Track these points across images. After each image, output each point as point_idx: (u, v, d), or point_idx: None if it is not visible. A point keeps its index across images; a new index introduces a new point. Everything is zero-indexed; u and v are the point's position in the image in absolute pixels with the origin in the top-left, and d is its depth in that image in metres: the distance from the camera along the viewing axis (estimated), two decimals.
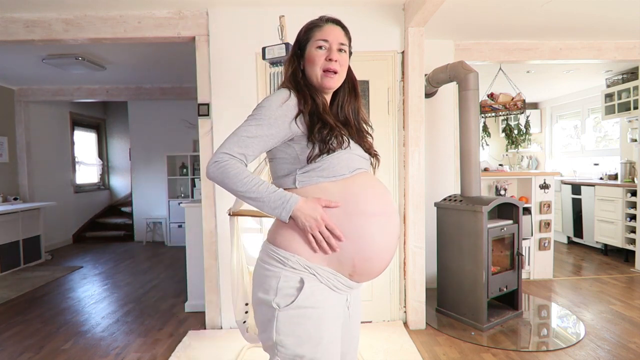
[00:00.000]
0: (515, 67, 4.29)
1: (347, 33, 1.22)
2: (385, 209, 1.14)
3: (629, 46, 3.69)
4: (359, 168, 1.16)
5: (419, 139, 2.88)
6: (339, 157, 1.11)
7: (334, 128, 1.12)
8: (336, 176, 1.11)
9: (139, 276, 4.47)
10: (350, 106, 1.27)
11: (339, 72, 1.18)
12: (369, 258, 1.10)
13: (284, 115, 1.10)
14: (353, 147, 1.16)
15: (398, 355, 2.51)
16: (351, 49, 1.24)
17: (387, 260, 1.16)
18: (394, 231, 1.16)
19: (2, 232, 4.60)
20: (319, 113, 1.13)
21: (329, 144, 1.10)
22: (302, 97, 1.14)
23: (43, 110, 5.92)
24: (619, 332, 2.79)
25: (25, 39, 2.91)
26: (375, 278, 1.19)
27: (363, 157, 1.20)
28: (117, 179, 7.76)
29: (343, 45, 1.18)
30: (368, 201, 1.11)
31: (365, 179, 1.16)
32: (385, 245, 1.13)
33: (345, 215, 1.09)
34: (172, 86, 5.34)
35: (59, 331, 2.98)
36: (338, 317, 1.14)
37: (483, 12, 3.00)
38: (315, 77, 1.17)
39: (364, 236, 1.09)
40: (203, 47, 2.91)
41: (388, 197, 1.18)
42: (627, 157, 4.91)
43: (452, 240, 3.03)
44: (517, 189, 4.22)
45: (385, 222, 1.12)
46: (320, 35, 1.18)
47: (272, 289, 1.08)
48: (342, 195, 1.10)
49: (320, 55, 1.16)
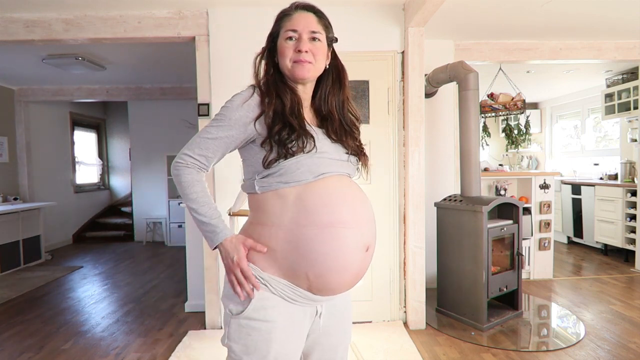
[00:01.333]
0: (515, 67, 4.29)
1: (323, 19, 1.11)
2: (349, 218, 1.02)
3: (629, 46, 3.69)
4: (326, 172, 1.04)
5: (419, 139, 2.88)
6: (299, 162, 1.01)
7: (295, 130, 1.02)
8: (297, 182, 1.01)
9: (139, 276, 4.47)
10: (335, 98, 1.15)
11: (313, 63, 1.07)
12: (323, 274, 1.01)
13: (244, 116, 1.04)
14: (325, 149, 1.05)
15: (398, 355, 2.51)
16: (331, 34, 1.13)
17: (349, 277, 1.05)
18: (359, 244, 1.03)
19: (2, 232, 4.60)
20: (282, 113, 1.04)
21: (288, 148, 1.00)
22: (267, 96, 1.06)
23: (43, 110, 5.92)
24: (619, 332, 2.79)
25: (25, 39, 2.91)
26: (350, 289, 1.11)
27: (339, 160, 1.08)
28: (117, 179, 7.76)
29: (315, 33, 1.07)
30: (324, 210, 1.00)
31: (331, 184, 1.04)
32: (345, 261, 1.02)
33: (296, 226, 1.00)
34: (172, 86, 5.34)
35: (59, 331, 2.98)
36: (297, 330, 1.06)
37: (483, 12, 3.00)
38: (287, 69, 1.08)
39: (315, 250, 0.99)
40: (203, 47, 2.91)
41: (357, 205, 1.06)
42: (627, 157, 4.91)
43: (452, 240, 3.03)
44: (517, 189, 4.22)
45: (346, 233, 1.01)
46: (289, 24, 1.07)
47: (229, 294, 1.05)
48: (296, 203, 1.01)
49: (290, 47, 1.07)
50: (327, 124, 1.12)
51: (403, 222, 2.98)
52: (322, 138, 1.08)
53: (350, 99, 1.19)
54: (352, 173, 1.14)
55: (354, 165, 1.14)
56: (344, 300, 1.20)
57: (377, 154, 2.97)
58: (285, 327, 1.04)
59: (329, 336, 1.16)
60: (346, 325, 1.21)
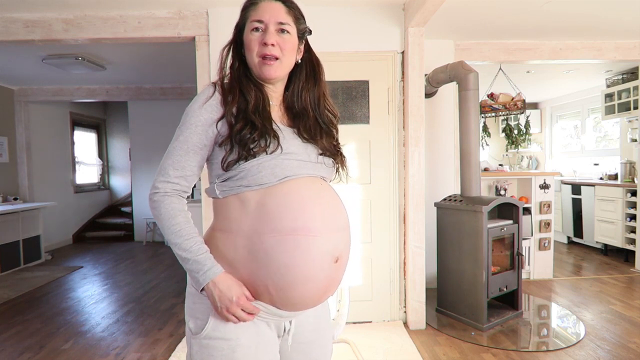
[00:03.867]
0: (515, 67, 4.29)
1: (293, 9, 1.00)
2: (314, 225, 0.91)
3: (629, 46, 3.69)
4: (292, 175, 0.94)
5: (419, 139, 2.88)
6: (260, 164, 0.92)
7: (257, 128, 0.93)
8: (259, 185, 0.93)
9: (139, 276, 4.47)
10: (309, 94, 1.05)
11: (281, 58, 0.98)
12: (284, 287, 0.92)
13: (207, 118, 0.95)
14: (293, 149, 0.96)
15: (398, 355, 2.51)
16: (303, 26, 1.02)
17: (315, 291, 0.94)
18: (326, 254, 0.93)
19: (2, 232, 4.60)
20: (245, 111, 0.95)
21: (249, 148, 0.91)
22: (229, 93, 0.97)
23: (43, 110, 5.92)
24: (619, 332, 2.79)
25: (25, 39, 2.91)
26: (315, 306, 1.01)
27: (308, 161, 0.98)
28: (117, 179, 7.76)
29: (283, 24, 0.97)
30: (286, 216, 0.91)
31: (297, 188, 0.94)
32: (309, 272, 0.91)
33: (256, 234, 0.92)
34: (172, 86, 5.34)
35: (59, 331, 2.98)
36: (264, 348, 0.97)
37: (483, 12, 3.00)
38: (254, 65, 0.98)
39: (276, 259, 0.90)
40: (203, 47, 2.91)
41: (327, 211, 0.95)
42: (627, 157, 4.91)
43: (452, 240, 3.03)
44: (517, 189, 4.22)
45: (310, 242, 0.91)
46: (255, 14, 0.97)
47: (189, 310, 0.98)
48: (258, 208, 0.93)
49: (256, 39, 0.97)
50: (299, 122, 1.02)
51: (403, 222, 2.98)
52: (290, 137, 0.99)
53: (327, 95, 1.10)
54: (328, 175, 1.04)
55: (328, 167, 1.03)
56: (320, 312, 1.09)
57: (377, 154, 2.97)
58: (250, 345, 0.94)
59: (305, 354, 1.06)
60: (325, 340, 1.11)
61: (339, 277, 0.99)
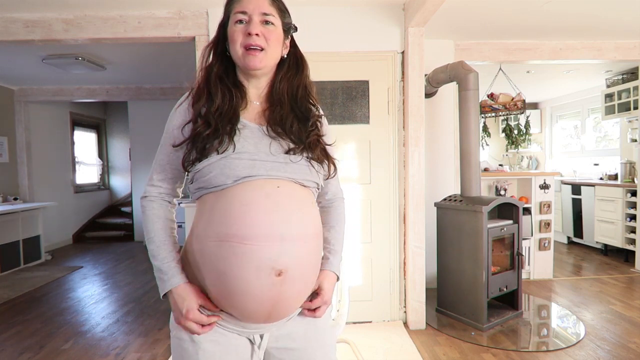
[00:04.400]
0: (515, 67, 4.29)
1: (276, 1, 0.98)
2: (250, 233, 0.85)
3: (629, 46, 3.69)
4: (246, 175, 0.89)
5: (419, 139, 2.88)
6: (211, 164, 0.89)
7: (211, 127, 0.91)
8: (214, 187, 0.90)
9: (139, 276, 4.47)
10: (287, 83, 1.01)
11: (266, 49, 0.95)
12: (224, 296, 0.89)
13: (177, 122, 0.97)
14: (249, 148, 0.92)
15: (398, 355, 2.51)
16: (288, 19, 1.01)
17: (255, 305, 0.87)
18: (262, 266, 0.85)
19: (2, 232, 4.60)
20: (207, 112, 0.94)
21: (201, 148, 0.91)
22: (198, 97, 0.97)
23: (43, 110, 5.92)
24: (619, 332, 2.79)
25: (25, 39, 2.91)
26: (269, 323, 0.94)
27: (266, 160, 0.92)
28: (117, 179, 7.76)
29: (267, 15, 0.95)
30: (224, 221, 0.87)
31: (246, 191, 0.88)
32: (243, 284, 0.85)
33: (203, 238, 0.90)
34: (172, 86, 5.34)
35: (59, 331, 2.98)
36: (225, 355, 0.94)
37: (483, 12, 3.00)
38: (238, 57, 0.96)
39: (214, 266, 0.88)
40: (203, 47, 2.90)
41: (274, 219, 0.87)
42: (627, 157, 4.91)
43: (452, 240, 3.03)
44: (517, 189, 4.22)
45: (244, 251, 0.85)
46: (238, 6, 0.96)
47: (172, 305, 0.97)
48: (208, 211, 0.91)
49: (239, 31, 0.95)
50: (271, 115, 0.98)
51: (403, 222, 2.98)
52: (252, 136, 0.94)
53: (310, 89, 1.04)
54: (297, 176, 0.94)
55: (300, 165, 0.94)
56: (311, 330, 1.02)
57: (377, 154, 2.97)
58: (214, 352, 0.93)
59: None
60: (319, 343, 1.03)
61: (289, 293, 0.89)
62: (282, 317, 0.94)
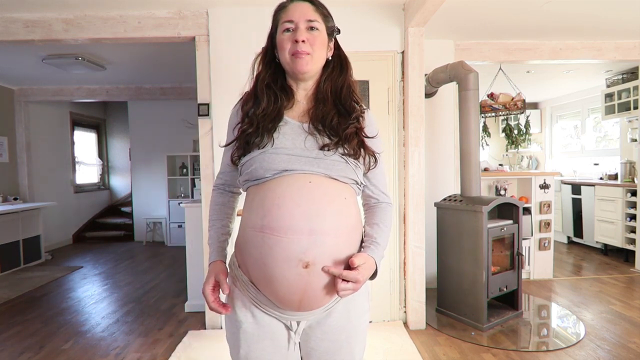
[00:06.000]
0: (515, 67, 4.29)
1: (320, 7, 1.04)
2: (279, 225, 0.91)
3: (629, 46, 3.69)
4: (283, 169, 0.95)
5: (419, 139, 2.88)
6: (252, 158, 0.98)
7: (254, 125, 1.00)
8: (256, 180, 0.98)
9: (139, 276, 4.47)
10: (331, 82, 1.07)
11: (312, 53, 1.00)
12: (258, 282, 0.97)
13: (233, 123, 1.09)
14: (286, 144, 0.98)
15: (398, 355, 2.51)
16: (331, 24, 1.06)
17: (285, 293, 0.93)
18: (290, 257, 0.90)
19: (2, 232, 4.60)
20: (254, 114, 1.02)
21: (245, 144, 1.01)
22: (247, 101, 1.06)
23: (43, 110, 5.92)
24: (619, 332, 2.79)
25: (25, 39, 2.91)
26: (312, 311, 0.99)
27: (301, 156, 0.97)
28: (117, 179, 7.76)
29: (312, 22, 1.00)
30: (258, 213, 0.95)
31: (282, 184, 0.95)
32: (272, 273, 0.92)
33: (245, 227, 1.00)
34: (172, 86, 5.34)
35: (59, 331, 2.98)
36: (270, 342, 1.01)
37: (483, 12, 3.00)
38: (287, 63, 1.02)
39: (251, 254, 0.96)
40: (203, 47, 2.91)
41: (304, 212, 0.91)
42: (627, 157, 4.91)
43: (452, 240, 3.03)
44: (517, 189, 4.22)
45: (273, 242, 0.91)
46: (285, 16, 1.02)
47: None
48: (249, 202, 1.01)
49: (287, 39, 1.01)
50: (314, 112, 1.04)
51: (403, 222, 2.98)
52: (291, 132, 1.01)
53: (354, 88, 1.09)
54: (334, 172, 0.97)
55: (335, 161, 0.97)
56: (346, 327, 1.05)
57: None
58: (253, 334, 1.01)
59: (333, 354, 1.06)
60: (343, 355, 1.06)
61: (316, 284, 0.93)
62: (314, 306, 0.98)
